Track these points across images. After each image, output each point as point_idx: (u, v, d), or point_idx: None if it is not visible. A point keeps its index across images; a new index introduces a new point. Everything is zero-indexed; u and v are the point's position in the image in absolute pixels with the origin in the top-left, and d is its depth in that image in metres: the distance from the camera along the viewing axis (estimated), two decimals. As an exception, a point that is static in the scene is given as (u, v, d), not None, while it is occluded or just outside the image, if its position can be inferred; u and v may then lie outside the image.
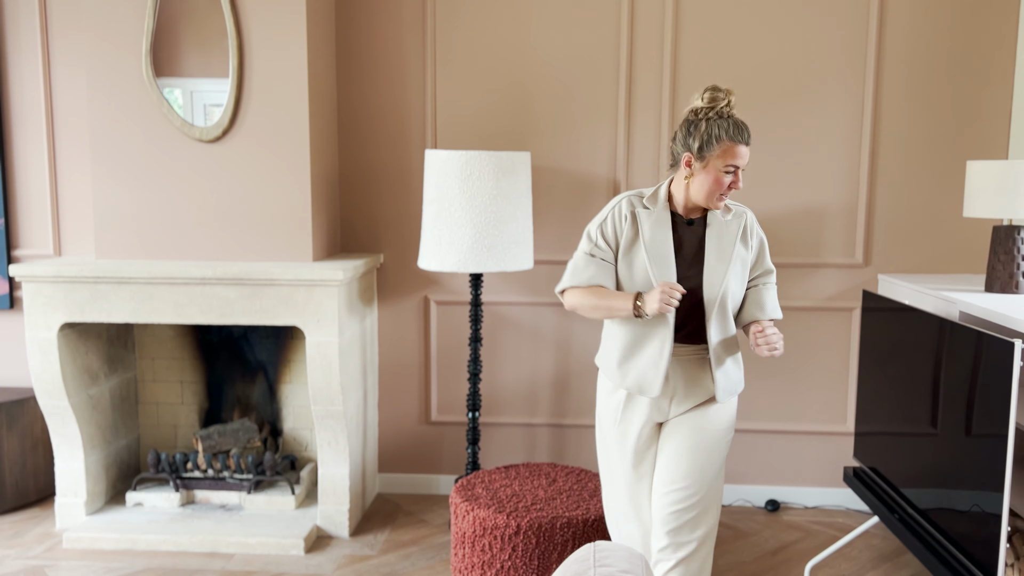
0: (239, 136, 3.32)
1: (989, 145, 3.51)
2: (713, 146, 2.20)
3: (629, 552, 1.34)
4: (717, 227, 2.30)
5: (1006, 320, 2.60)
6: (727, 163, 2.20)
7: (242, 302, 3.23)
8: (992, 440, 2.18)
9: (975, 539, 2.26)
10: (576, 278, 2.32)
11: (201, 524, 3.36)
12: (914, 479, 2.68)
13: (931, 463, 2.57)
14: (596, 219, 2.36)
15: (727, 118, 2.22)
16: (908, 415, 2.75)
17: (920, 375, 2.66)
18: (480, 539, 2.80)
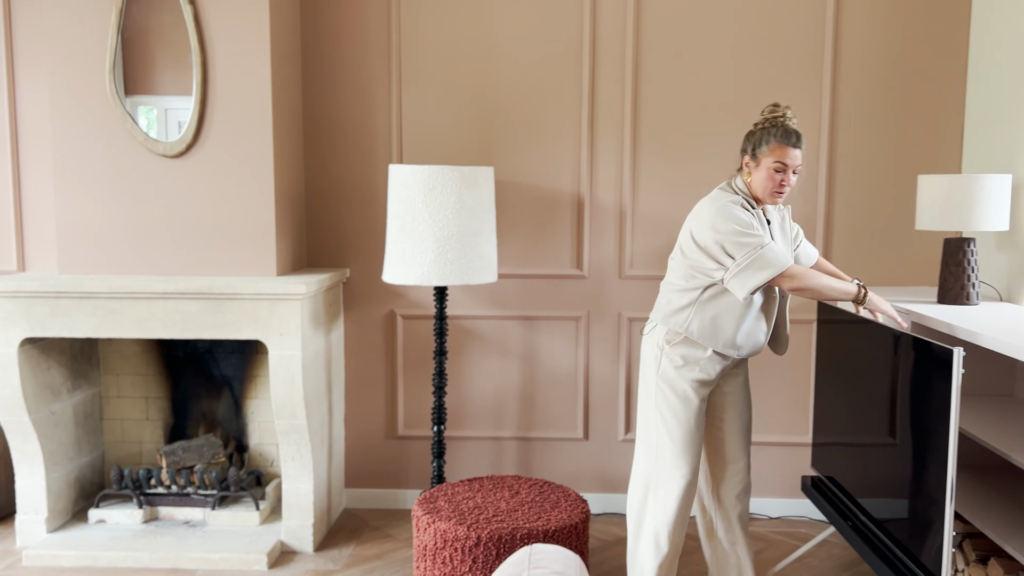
0: (203, 151, 3.34)
1: (943, 159, 3.59)
2: (763, 147, 2.62)
3: (564, 554, 1.36)
4: (777, 220, 2.77)
5: (956, 331, 2.66)
6: (775, 160, 2.59)
7: (205, 316, 3.23)
8: (937, 447, 2.22)
9: (924, 546, 2.29)
10: (780, 260, 2.53)
11: (163, 540, 3.34)
12: (867, 488, 2.72)
13: (882, 471, 2.61)
14: (736, 218, 2.56)
15: (779, 126, 2.62)
16: (860, 424, 2.79)
17: (869, 385, 2.70)
18: (441, 551, 2.81)
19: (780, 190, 2.62)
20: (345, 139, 3.72)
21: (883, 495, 2.60)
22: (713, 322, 2.64)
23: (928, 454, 2.27)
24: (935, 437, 2.23)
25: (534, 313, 3.75)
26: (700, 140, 3.63)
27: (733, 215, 2.56)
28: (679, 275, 2.71)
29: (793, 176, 2.62)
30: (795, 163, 2.60)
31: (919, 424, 2.34)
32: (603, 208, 3.69)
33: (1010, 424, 2.69)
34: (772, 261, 2.52)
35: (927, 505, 2.28)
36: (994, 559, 2.44)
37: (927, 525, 2.28)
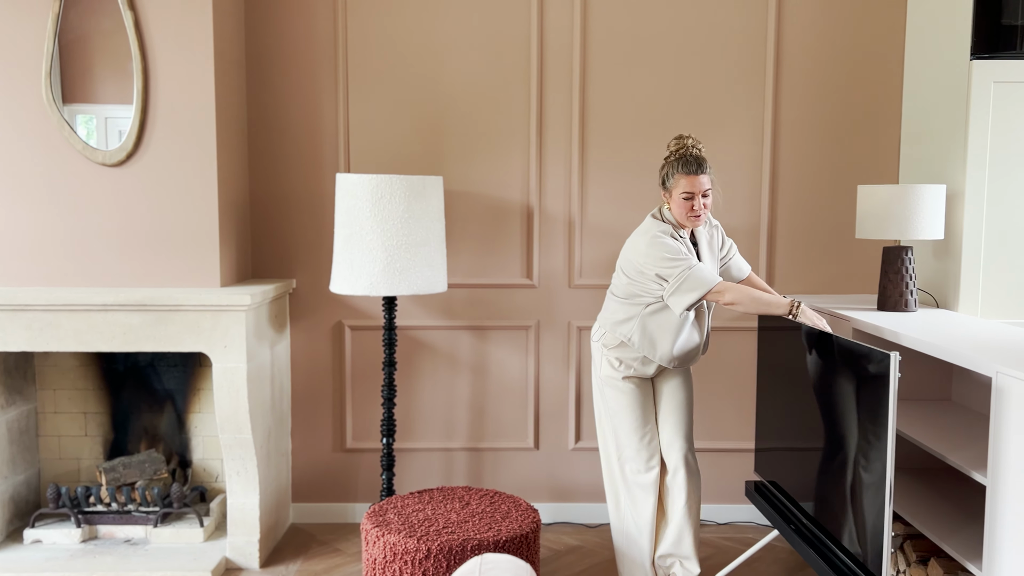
0: (144, 159, 3.26)
1: (881, 170, 3.69)
2: (671, 179, 2.85)
3: (514, 563, 1.35)
4: (705, 240, 2.97)
5: (897, 337, 2.72)
6: (682, 190, 2.81)
7: (146, 328, 3.16)
8: (875, 449, 2.27)
9: (866, 548, 2.34)
10: (708, 279, 2.76)
11: (103, 560, 3.24)
12: (808, 491, 2.76)
13: (822, 475, 2.65)
14: (666, 247, 2.80)
15: (681, 158, 2.83)
16: (800, 429, 2.84)
17: (809, 390, 2.75)
18: (391, 564, 2.78)
19: (694, 214, 2.83)
20: (291, 148, 3.67)
21: (824, 498, 2.64)
22: (652, 336, 2.90)
23: (867, 457, 2.32)
24: (873, 440, 2.28)
25: (484, 323, 3.74)
26: (646, 150, 3.67)
27: (662, 244, 2.82)
28: (622, 291, 2.96)
29: (705, 199, 2.82)
30: (701, 188, 2.81)
31: (858, 427, 2.39)
32: (552, 218, 3.71)
33: (947, 427, 2.76)
34: (701, 281, 2.77)
35: (867, 507, 2.33)
36: (934, 559, 2.50)
37: (868, 527, 2.33)
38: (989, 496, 2.20)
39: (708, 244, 2.98)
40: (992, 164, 3.15)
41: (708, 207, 2.85)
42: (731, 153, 3.67)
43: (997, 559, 2.18)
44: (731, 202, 3.69)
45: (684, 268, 2.78)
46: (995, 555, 2.19)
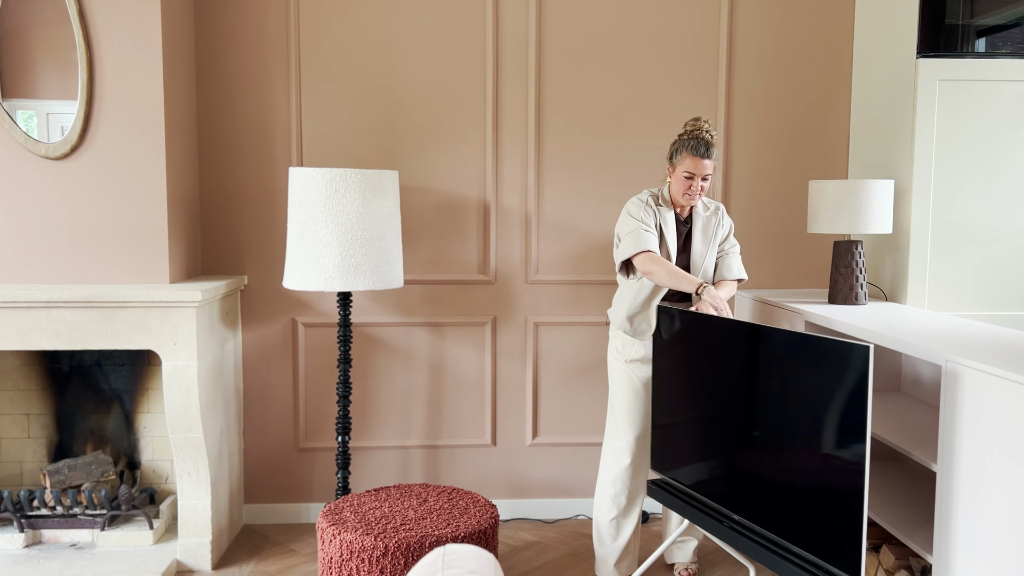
0: (90, 152, 3.17)
1: (831, 166, 3.75)
2: (677, 156, 2.94)
3: (478, 553, 1.34)
4: (701, 223, 3.05)
5: (847, 328, 2.77)
6: (685, 170, 2.91)
7: (92, 326, 3.07)
8: (848, 441, 2.29)
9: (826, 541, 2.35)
10: (640, 243, 2.91)
11: (48, 565, 3.14)
12: (728, 485, 2.71)
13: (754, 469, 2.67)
14: (631, 210, 2.98)
15: (696, 138, 2.90)
16: (716, 425, 2.74)
17: (731, 386, 2.68)
18: (347, 563, 2.74)
19: (689, 194, 2.95)
20: (242, 142, 3.61)
21: (752, 491, 2.61)
22: (615, 305, 3.11)
23: (835, 449, 2.34)
24: (846, 432, 2.30)
25: (441, 319, 3.72)
26: (602, 146, 3.68)
27: (633, 204, 3.01)
28: None
29: (704, 183, 2.94)
30: (702, 172, 2.92)
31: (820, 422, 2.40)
32: (509, 213, 3.70)
33: (898, 417, 2.82)
34: (637, 241, 2.92)
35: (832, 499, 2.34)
36: (886, 546, 2.54)
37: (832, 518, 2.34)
38: (939, 483, 2.25)
39: (703, 229, 3.06)
40: (938, 160, 3.22)
41: (705, 190, 2.96)
42: (685, 149, 3.70)
43: (948, 545, 2.23)
44: (685, 198, 3.72)
45: (634, 228, 2.94)
46: (946, 541, 2.24)
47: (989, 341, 2.43)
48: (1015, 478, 1.97)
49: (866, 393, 2.14)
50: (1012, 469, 1.99)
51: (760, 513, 2.54)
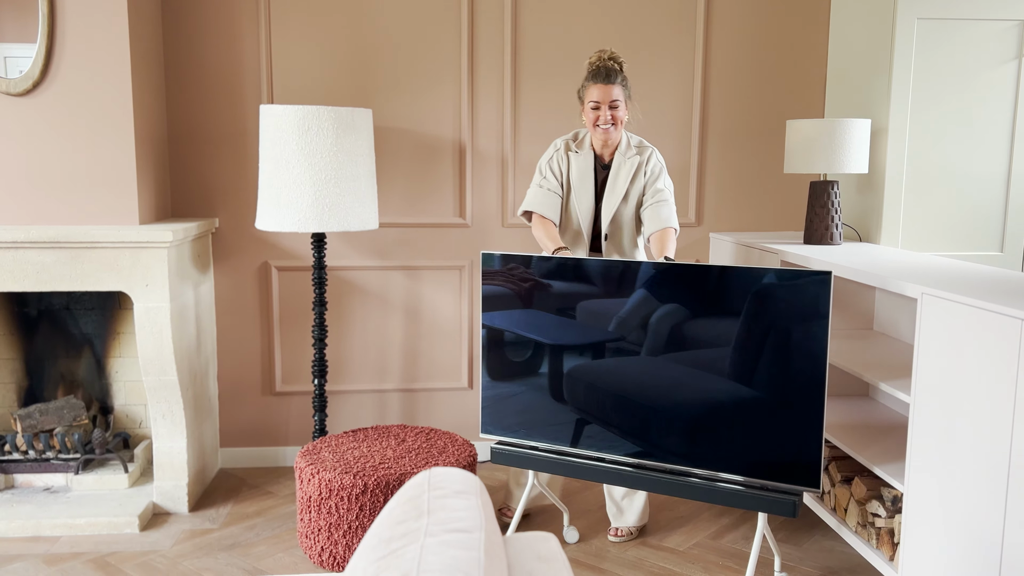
0: (53, 89, 3.07)
1: (808, 106, 3.74)
2: (583, 90, 2.87)
3: (463, 475, 1.34)
4: (618, 164, 2.92)
5: (823, 267, 2.78)
6: (591, 100, 2.83)
7: (60, 267, 3.01)
8: (810, 372, 2.32)
9: (790, 467, 2.39)
10: (530, 203, 2.93)
11: (21, 508, 3.11)
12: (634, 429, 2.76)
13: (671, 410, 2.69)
14: (541, 160, 2.99)
15: (596, 67, 2.84)
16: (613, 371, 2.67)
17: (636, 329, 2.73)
18: (326, 501, 2.74)
19: (599, 125, 2.84)
20: (210, 79, 3.51)
21: (670, 432, 2.64)
22: None
23: (787, 379, 2.36)
24: (800, 359, 2.33)
25: (416, 263, 3.69)
26: (575, 87, 3.63)
27: (542, 157, 3.00)
28: None
29: (613, 111, 2.81)
30: (607, 98, 2.81)
31: (771, 354, 2.42)
32: (485, 156, 3.66)
33: (872, 353, 2.86)
34: (526, 200, 2.96)
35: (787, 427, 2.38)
36: (858, 478, 2.59)
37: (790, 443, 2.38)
38: (912, 414, 2.29)
39: (627, 175, 2.90)
40: (915, 99, 3.23)
41: (619, 120, 2.83)
42: (662, 92, 3.67)
43: (918, 476, 2.28)
44: (661, 141, 3.70)
45: (532, 183, 2.99)
46: (917, 472, 2.28)
47: (962, 277, 2.46)
48: (987, 408, 2.01)
49: (826, 312, 2.18)
50: (985, 399, 2.02)
51: (700, 456, 2.53)
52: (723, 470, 2.48)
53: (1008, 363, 1.93)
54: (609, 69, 2.80)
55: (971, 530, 2.08)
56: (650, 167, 2.92)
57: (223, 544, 2.99)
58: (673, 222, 2.86)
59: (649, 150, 2.94)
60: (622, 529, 3.04)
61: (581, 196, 2.92)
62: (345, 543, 2.74)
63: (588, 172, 2.92)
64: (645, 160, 2.92)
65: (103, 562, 2.84)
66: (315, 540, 2.79)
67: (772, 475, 2.41)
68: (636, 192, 2.92)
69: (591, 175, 2.92)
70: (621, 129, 2.88)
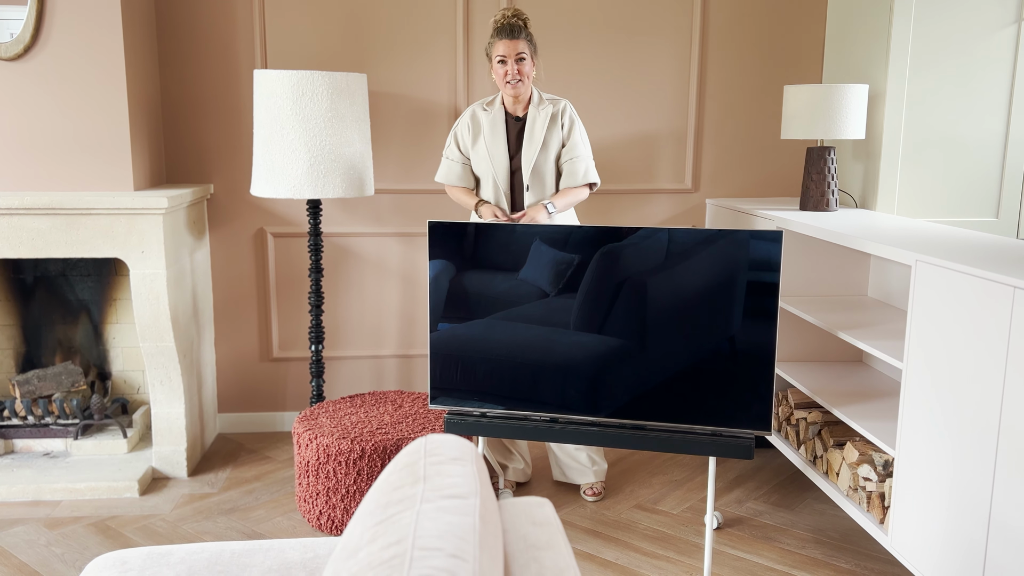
0: (45, 53, 3.04)
1: (805, 72, 3.72)
2: (489, 46, 2.92)
3: (459, 442, 1.35)
4: (532, 116, 2.96)
5: (819, 233, 2.79)
6: (497, 55, 2.88)
7: (56, 234, 3.00)
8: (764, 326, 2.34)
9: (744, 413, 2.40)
10: (439, 175, 3.11)
11: (21, 473, 3.14)
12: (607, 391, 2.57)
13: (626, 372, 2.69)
14: (452, 128, 3.09)
15: (499, 24, 2.87)
16: None
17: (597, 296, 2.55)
18: (324, 466, 2.77)
19: (507, 80, 2.88)
20: (203, 43, 3.48)
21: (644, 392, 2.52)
22: None
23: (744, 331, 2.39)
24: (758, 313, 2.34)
25: (412, 230, 3.69)
26: (575, 56, 3.61)
27: (457, 120, 3.08)
28: None
29: (519, 64, 2.86)
30: (512, 52, 2.86)
31: (725, 310, 2.45)
32: (480, 120, 3.63)
33: (864, 320, 2.87)
34: (439, 171, 3.10)
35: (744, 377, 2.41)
36: (850, 442, 2.62)
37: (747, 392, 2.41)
38: (904, 380, 2.31)
39: (543, 125, 2.94)
40: (912, 64, 3.20)
41: (526, 75, 2.88)
42: (660, 57, 3.64)
43: (910, 441, 2.30)
44: (659, 106, 3.68)
45: (444, 153, 3.09)
46: (909, 437, 2.31)
47: (956, 243, 2.46)
48: (979, 374, 2.03)
49: (778, 266, 2.20)
50: (976, 365, 2.04)
51: (653, 410, 2.53)
52: (682, 421, 2.49)
53: (1000, 330, 1.95)
54: (513, 25, 2.85)
55: (961, 494, 2.11)
56: (566, 117, 2.98)
57: (222, 508, 3.03)
58: (591, 177, 2.99)
59: (562, 102, 3.00)
60: (596, 485, 3.11)
61: (494, 151, 2.96)
62: (343, 507, 2.77)
63: (500, 127, 2.96)
64: (560, 111, 2.97)
65: (104, 526, 2.88)
66: (313, 504, 2.83)
67: (728, 422, 2.44)
68: (555, 141, 2.97)
69: (503, 130, 2.96)
70: (529, 83, 2.93)
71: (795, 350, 3.24)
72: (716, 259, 2.41)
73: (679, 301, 2.47)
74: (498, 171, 2.96)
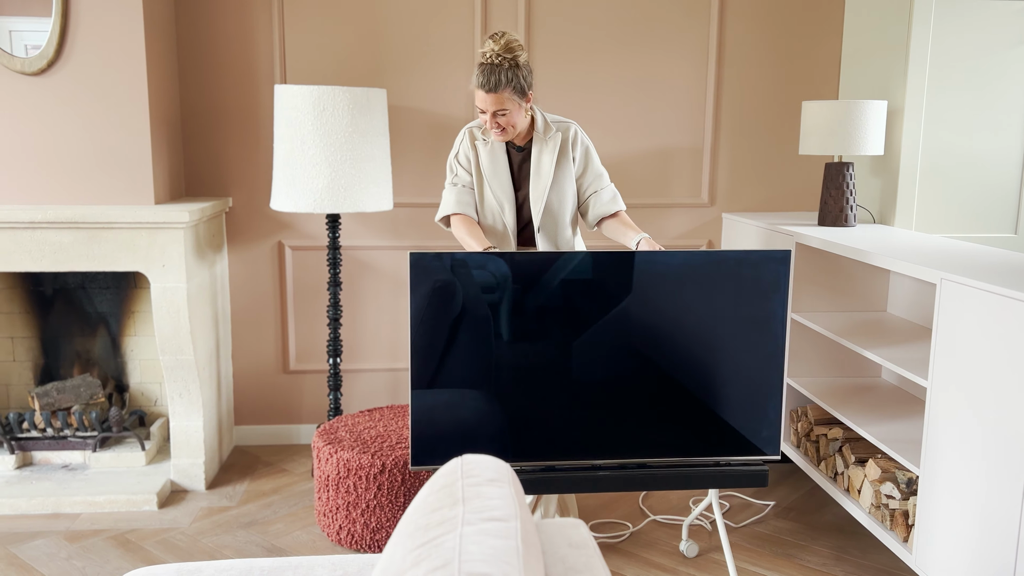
0: (68, 68, 3.06)
1: (821, 88, 3.73)
2: (472, 84, 2.48)
3: (496, 463, 1.36)
4: (538, 148, 2.61)
5: (839, 249, 2.79)
6: (476, 105, 2.49)
7: (78, 247, 3.01)
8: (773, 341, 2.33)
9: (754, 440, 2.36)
10: (446, 207, 2.67)
11: (41, 485, 3.15)
12: None
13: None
14: (452, 151, 2.72)
15: (487, 64, 2.43)
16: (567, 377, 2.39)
17: None
18: (344, 480, 2.77)
19: (493, 131, 2.50)
20: (223, 59, 3.50)
21: None
22: None
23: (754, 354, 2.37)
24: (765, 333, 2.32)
25: (430, 243, 3.70)
26: (592, 68, 3.62)
27: (454, 145, 2.69)
28: None
29: (501, 117, 2.45)
30: (491, 107, 2.42)
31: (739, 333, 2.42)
32: (497, 134, 3.64)
33: (884, 336, 2.87)
34: (442, 204, 2.68)
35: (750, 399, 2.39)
36: (872, 460, 2.62)
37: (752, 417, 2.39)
38: (929, 398, 2.31)
39: (550, 159, 2.58)
40: (931, 81, 3.21)
41: (510, 127, 2.49)
42: (676, 71, 3.65)
43: (935, 459, 2.30)
44: (675, 119, 3.69)
45: (448, 182, 2.68)
46: (933, 455, 2.30)
47: (979, 260, 2.46)
48: (1006, 394, 2.03)
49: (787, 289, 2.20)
50: (1005, 384, 2.04)
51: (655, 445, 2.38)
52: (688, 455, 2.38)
53: (1027, 349, 1.95)
54: (493, 73, 2.40)
55: (988, 513, 2.10)
56: (578, 149, 2.63)
57: (241, 522, 3.03)
58: (621, 204, 2.69)
59: (572, 128, 2.63)
60: None
61: (496, 188, 2.62)
62: (363, 522, 2.77)
63: (501, 159, 2.61)
64: (571, 140, 2.61)
65: (124, 539, 2.88)
66: (333, 519, 2.83)
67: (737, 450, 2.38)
68: (567, 177, 2.62)
69: (504, 162, 2.61)
70: (520, 126, 2.53)
71: (813, 366, 3.23)
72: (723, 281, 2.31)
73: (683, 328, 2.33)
74: (506, 209, 2.63)
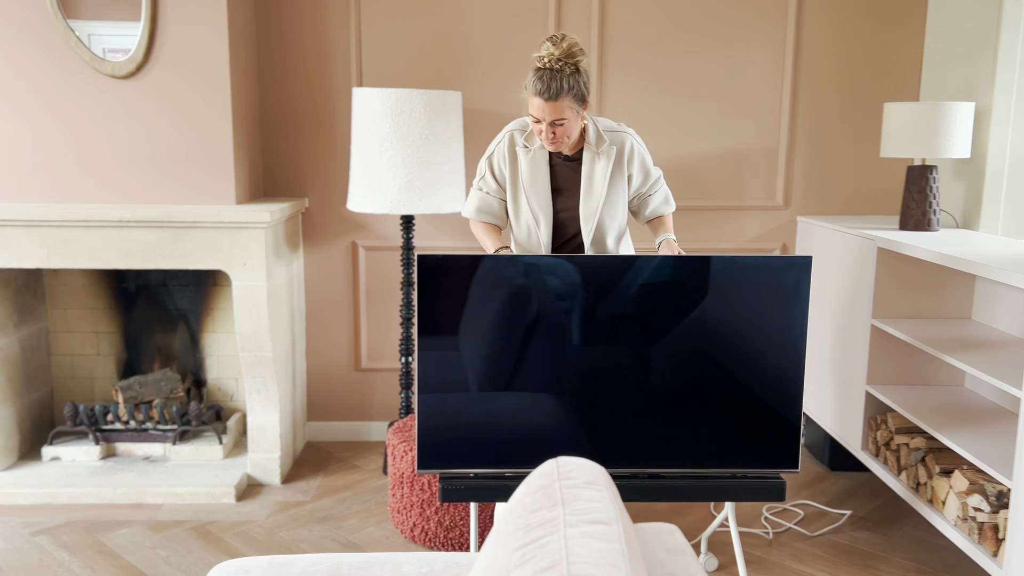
0: (154, 72, 3.16)
1: (901, 89, 3.64)
2: (525, 91, 2.35)
3: (591, 465, 1.36)
4: (590, 161, 2.49)
5: (923, 254, 2.72)
6: (530, 112, 2.36)
7: (163, 246, 3.10)
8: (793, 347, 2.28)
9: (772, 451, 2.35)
10: (467, 209, 2.66)
11: (125, 476, 3.25)
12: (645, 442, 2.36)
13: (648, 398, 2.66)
14: (486, 152, 2.60)
15: (546, 69, 2.30)
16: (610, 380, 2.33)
17: None
18: (419, 478, 2.80)
19: (547, 140, 2.37)
20: (301, 62, 3.57)
21: None
22: None
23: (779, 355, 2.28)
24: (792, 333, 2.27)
25: (499, 243, 3.71)
26: (666, 70, 3.60)
27: (490, 146, 2.58)
28: None
29: (560, 127, 2.33)
30: (548, 117, 2.30)
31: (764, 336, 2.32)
32: (569, 136, 3.64)
33: (970, 344, 2.79)
34: (466, 204, 2.65)
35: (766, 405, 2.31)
36: (958, 471, 2.55)
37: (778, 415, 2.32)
38: (1023, 408, 2.23)
39: (603, 174, 2.47)
40: (1020, 82, 3.11)
41: (569, 135, 2.37)
42: (751, 71, 3.61)
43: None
44: (750, 120, 3.64)
45: (476, 181, 2.63)
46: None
47: (1076, 267, 2.38)
48: (1107, 404, 1.95)
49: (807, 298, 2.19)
50: (1104, 395, 1.96)
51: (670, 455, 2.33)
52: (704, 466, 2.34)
53: None
54: (554, 79, 2.28)
55: (1084, 529, 2.02)
56: (635, 163, 2.51)
57: (316, 516, 3.08)
58: (672, 206, 2.68)
59: (627, 139, 2.50)
60: None
61: (534, 202, 2.50)
62: (436, 520, 2.80)
63: (542, 171, 2.48)
64: (627, 153, 2.49)
65: (204, 531, 2.96)
66: (407, 516, 2.86)
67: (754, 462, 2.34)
68: (618, 192, 2.51)
69: (545, 174, 2.48)
70: (574, 136, 2.41)
71: (892, 372, 3.16)
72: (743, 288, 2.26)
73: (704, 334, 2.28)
74: (541, 224, 2.52)
